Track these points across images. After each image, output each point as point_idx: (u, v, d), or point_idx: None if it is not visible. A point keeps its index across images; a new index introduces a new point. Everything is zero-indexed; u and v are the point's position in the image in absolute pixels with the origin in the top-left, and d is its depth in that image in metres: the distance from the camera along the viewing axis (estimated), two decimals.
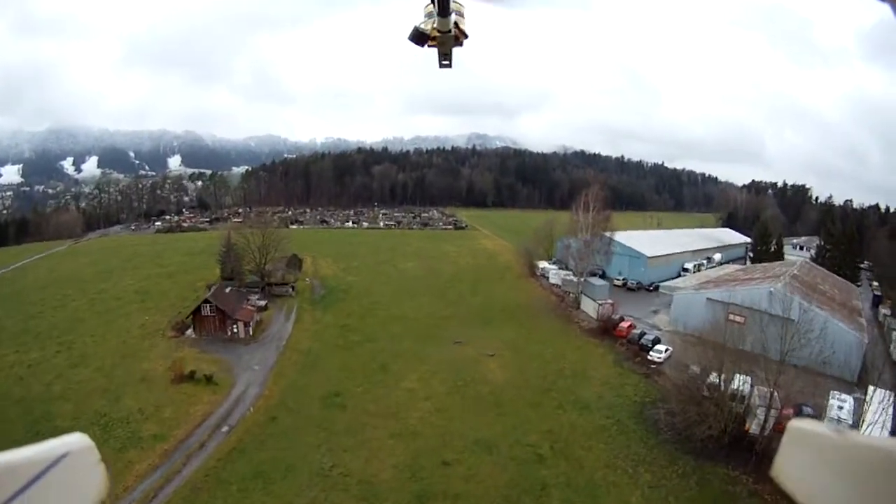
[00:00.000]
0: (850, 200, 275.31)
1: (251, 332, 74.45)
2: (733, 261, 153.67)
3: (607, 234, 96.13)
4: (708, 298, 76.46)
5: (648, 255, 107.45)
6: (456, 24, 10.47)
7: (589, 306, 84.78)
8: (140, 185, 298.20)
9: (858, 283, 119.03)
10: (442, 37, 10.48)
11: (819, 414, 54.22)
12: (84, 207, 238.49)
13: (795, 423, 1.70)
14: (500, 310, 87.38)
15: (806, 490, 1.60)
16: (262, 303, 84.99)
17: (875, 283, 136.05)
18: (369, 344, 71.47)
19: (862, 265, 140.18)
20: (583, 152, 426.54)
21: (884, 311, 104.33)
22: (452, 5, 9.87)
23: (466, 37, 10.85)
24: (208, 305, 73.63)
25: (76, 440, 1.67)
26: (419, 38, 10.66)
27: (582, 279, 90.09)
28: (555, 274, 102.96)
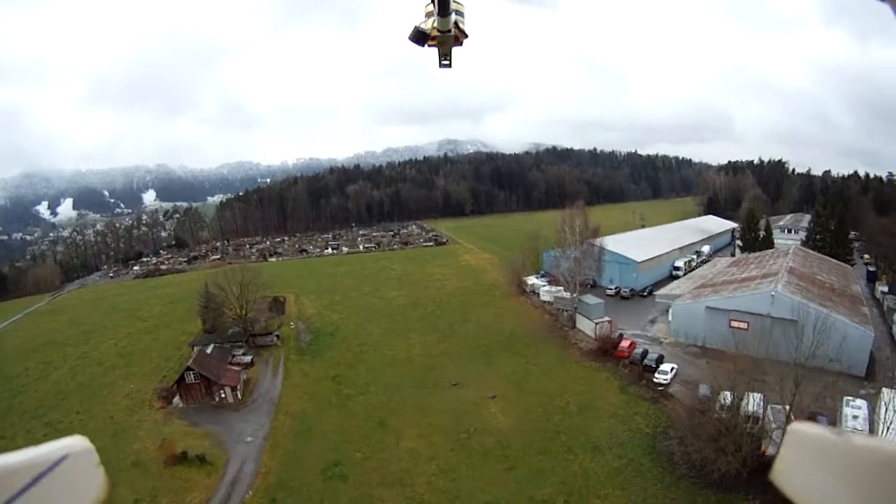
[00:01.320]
0: (829, 171, 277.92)
1: (239, 396, 71.91)
2: (721, 250, 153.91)
3: (596, 243, 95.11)
4: (707, 307, 75.28)
5: (638, 260, 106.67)
6: (456, 23, 10.82)
7: (586, 325, 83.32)
8: (117, 225, 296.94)
9: (852, 262, 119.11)
10: (442, 36, 10.83)
11: (834, 422, 53.33)
12: (61, 258, 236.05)
13: (795, 426, 1.71)
14: (495, 339, 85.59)
15: (806, 492, 1.61)
16: (248, 358, 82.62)
17: (867, 256, 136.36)
18: (363, 397, 69.12)
19: (853, 240, 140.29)
20: (555, 148, 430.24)
21: (881, 288, 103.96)
22: (452, 5, 10.12)
23: (466, 36, 11.24)
24: (192, 373, 71.02)
25: (76, 443, 1.69)
26: (419, 37, 10.98)
27: (575, 296, 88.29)
28: (546, 291, 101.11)
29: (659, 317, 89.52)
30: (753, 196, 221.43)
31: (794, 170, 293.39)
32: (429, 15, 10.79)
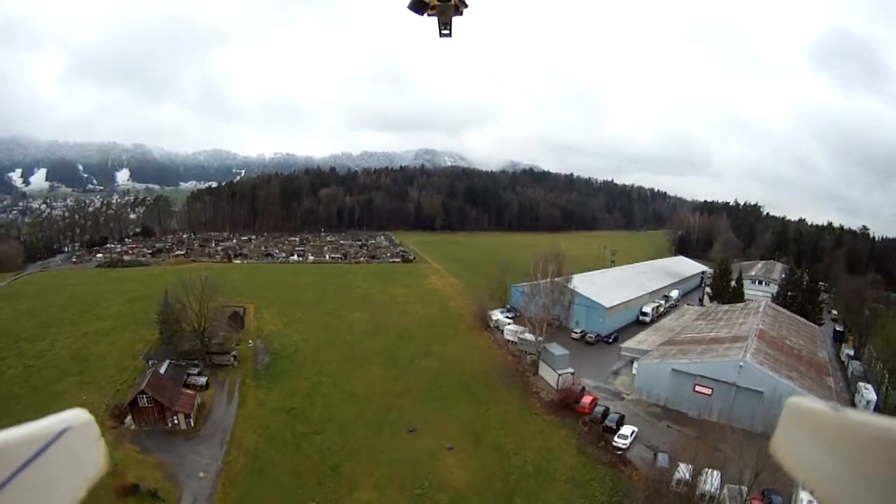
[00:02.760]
0: (804, 220, 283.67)
1: (192, 423, 71.21)
2: (690, 293, 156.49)
3: (568, 286, 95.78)
4: (674, 369, 76.18)
5: (607, 305, 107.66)
6: None
7: (548, 374, 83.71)
8: (86, 203, 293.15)
9: (821, 321, 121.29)
10: (442, 5, 11.30)
11: (788, 502, 54.46)
12: (25, 237, 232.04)
13: (793, 400, 1.75)
14: (456, 379, 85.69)
15: (802, 466, 1.64)
16: (203, 380, 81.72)
17: (834, 312, 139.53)
18: (318, 437, 68.62)
19: (822, 290, 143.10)
20: (532, 170, 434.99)
21: (847, 351, 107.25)
22: None
23: (466, 6, 11.55)
24: (145, 396, 70.17)
25: (76, 415, 1.73)
26: (419, 5, 11.45)
27: (540, 340, 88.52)
28: (510, 331, 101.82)
29: (623, 368, 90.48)
30: (726, 240, 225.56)
31: (768, 213, 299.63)
32: None
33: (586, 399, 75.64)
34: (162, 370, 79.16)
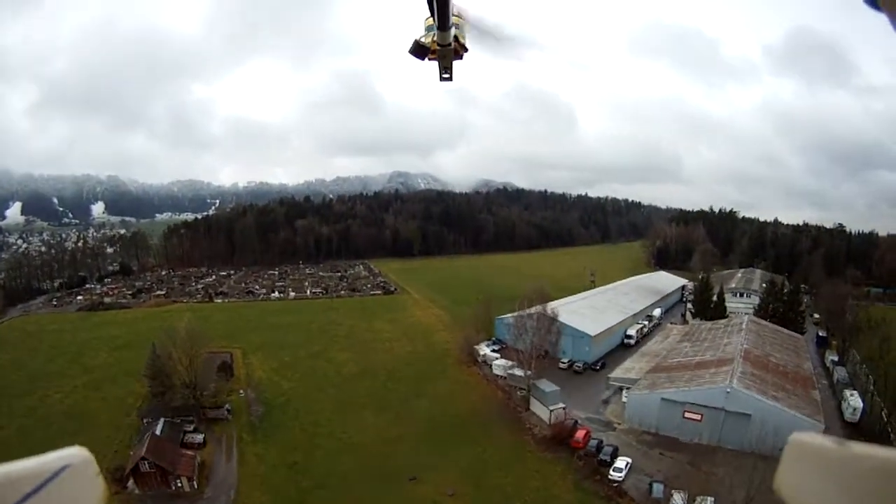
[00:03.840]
0: (778, 220, 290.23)
1: (195, 486, 72.65)
2: (672, 308, 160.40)
3: (556, 321, 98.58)
4: (663, 398, 79.42)
5: (592, 334, 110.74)
6: (456, 37, 11.31)
7: (540, 409, 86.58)
8: (63, 237, 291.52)
9: (803, 329, 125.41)
10: (442, 50, 11.38)
11: None
12: (3, 282, 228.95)
13: (796, 437, 1.77)
14: (449, 421, 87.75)
15: (809, 503, 1.64)
16: (200, 437, 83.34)
17: (816, 315, 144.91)
18: (321, 492, 70.28)
19: (803, 293, 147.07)
20: (505, 189, 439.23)
21: (831, 357, 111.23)
22: (452, 19, 10.47)
23: (466, 50, 11.75)
24: (146, 462, 71.43)
25: (75, 453, 1.76)
26: (419, 51, 11.58)
27: (529, 374, 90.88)
28: (499, 366, 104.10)
29: (612, 396, 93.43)
30: (704, 250, 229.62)
31: (743, 217, 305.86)
32: (429, 28, 11.38)
33: (580, 433, 78.33)
34: (158, 430, 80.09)
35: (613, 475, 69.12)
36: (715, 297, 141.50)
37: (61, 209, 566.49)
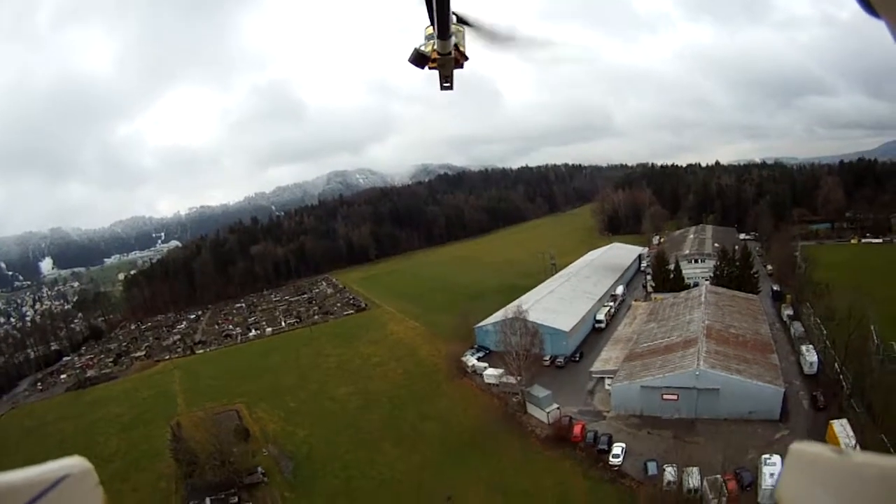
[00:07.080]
0: (720, 164, 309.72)
1: None
2: (633, 279, 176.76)
3: (534, 324, 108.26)
4: (643, 386, 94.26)
5: (566, 329, 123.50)
6: (456, 46, 11.88)
7: (536, 411, 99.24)
8: (19, 303, 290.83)
9: (758, 289, 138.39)
10: (442, 59, 11.98)
11: (755, 477, 73.18)
12: None
13: (796, 446, 1.85)
14: (458, 438, 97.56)
15: None
16: None
17: (769, 267, 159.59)
18: None
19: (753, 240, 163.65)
20: (447, 174, 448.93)
21: (787, 311, 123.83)
22: (452, 28, 11.07)
23: (466, 59, 12.26)
24: None
25: (75, 463, 1.95)
26: (419, 60, 12.21)
27: (520, 379, 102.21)
28: (489, 375, 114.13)
29: (596, 386, 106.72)
30: (653, 213, 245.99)
31: (687, 165, 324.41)
32: (428, 37, 11.92)
33: (576, 428, 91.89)
34: None
35: (613, 461, 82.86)
36: (672, 268, 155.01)
37: (10, 273, 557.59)
